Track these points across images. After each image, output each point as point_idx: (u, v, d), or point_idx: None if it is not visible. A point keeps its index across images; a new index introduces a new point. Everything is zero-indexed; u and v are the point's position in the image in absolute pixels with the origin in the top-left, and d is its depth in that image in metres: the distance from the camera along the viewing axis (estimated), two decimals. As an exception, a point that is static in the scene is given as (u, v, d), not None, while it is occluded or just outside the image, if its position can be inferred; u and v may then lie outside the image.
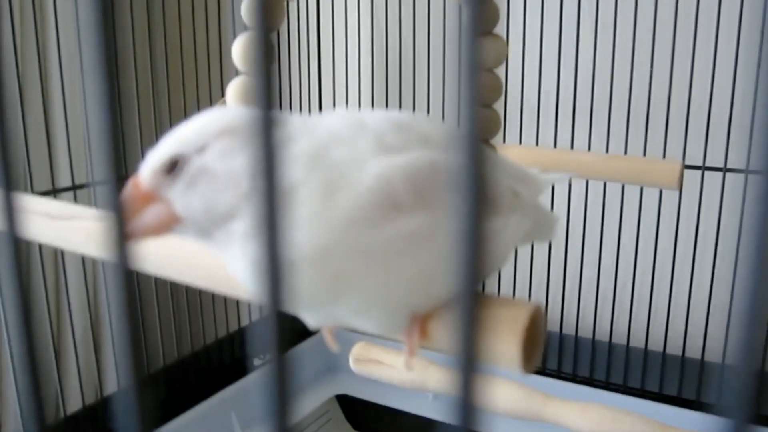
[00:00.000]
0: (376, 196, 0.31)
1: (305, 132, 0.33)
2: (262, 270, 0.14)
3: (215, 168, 0.32)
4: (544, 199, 0.96)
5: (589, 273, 1.05)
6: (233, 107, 0.35)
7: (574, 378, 1.05)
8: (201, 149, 0.32)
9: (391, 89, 1.14)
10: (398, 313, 0.33)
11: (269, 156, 0.14)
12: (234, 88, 0.51)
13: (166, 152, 0.32)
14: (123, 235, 0.15)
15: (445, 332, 0.33)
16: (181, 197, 0.32)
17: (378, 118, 0.35)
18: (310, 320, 0.35)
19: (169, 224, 0.33)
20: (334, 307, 0.33)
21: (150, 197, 0.33)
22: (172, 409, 0.93)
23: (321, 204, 0.30)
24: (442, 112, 1.10)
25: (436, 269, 0.31)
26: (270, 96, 0.14)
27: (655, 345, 1.01)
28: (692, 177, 0.92)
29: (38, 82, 0.90)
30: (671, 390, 1.00)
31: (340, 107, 1.17)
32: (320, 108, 1.19)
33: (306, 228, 0.30)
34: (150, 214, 0.32)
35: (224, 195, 0.31)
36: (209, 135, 0.32)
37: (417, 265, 0.31)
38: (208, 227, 0.32)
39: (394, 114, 0.36)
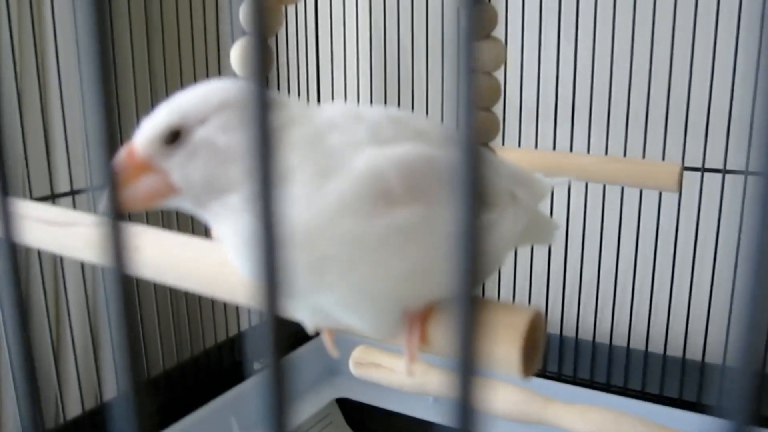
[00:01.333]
0: (367, 187, 0.30)
1: (303, 117, 0.33)
2: (256, 261, 0.14)
3: (217, 141, 0.31)
4: (544, 202, 0.95)
5: (589, 275, 1.04)
6: (233, 79, 0.35)
7: (574, 380, 1.05)
8: (202, 121, 0.32)
9: (389, 93, 1.14)
10: (389, 309, 0.33)
11: (266, 158, 0.14)
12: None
13: (164, 122, 0.32)
14: (121, 240, 0.15)
15: (444, 337, 0.33)
16: (179, 168, 0.32)
17: (375, 111, 0.35)
18: (305, 318, 0.35)
19: (165, 195, 0.32)
20: (321, 297, 0.32)
21: (145, 166, 0.32)
22: (172, 414, 0.93)
23: (312, 188, 0.30)
24: (441, 116, 1.10)
25: (427, 266, 0.31)
26: (266, 100, 0.14)
27: (656, 347, 1.01)
28: (691, 179, 0.92)
29: (36, 87, 0.90)
30: (672, 392, 1.00)
31: (339, 100, 1.17)
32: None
33: (294, 209, 0.30)
34: (144, 184, 0.32)
35: (225, 168, 0.31)
36: (211, 107, 0.32)
37: (407, 261, 0.31)
38: (204, 199, 0.32)
39: (391, 109, 0.36)
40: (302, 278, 0.31)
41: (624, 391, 1.01)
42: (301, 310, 0.34)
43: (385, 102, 1.14)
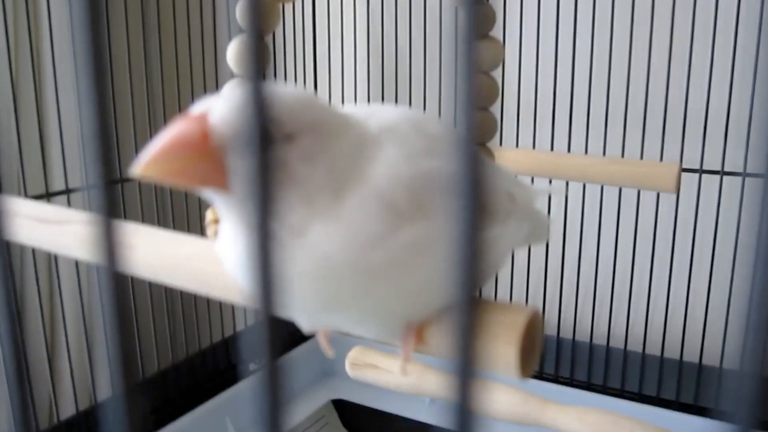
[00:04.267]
0: (379, 216, 0.30)
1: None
2: (254, 279, 0.14)
3: (297, 170, 0.29)
4: (541, 204, 0.95)
5: (587, 277, 1.04)
6: (315, 96, 0.32)
7: (571, 382, 1.05)
8: (290, 138, 0.29)
9: (387, 92, 1.14)
10: (394, 322, 0.33)
11: (262, 160, 0.13)
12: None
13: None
14: (113, 238, 0.15)
15: (442, 338, 0.33)
16: (241, 178, 0.28)
17: (392, 112, 0.34)
18: (304, 324, 0.35)
19: (211, 186, 0.29)
20: (329, 317, 0.32)
21: (211, 152, 0.28)
22: (167, 414, 0.93)
23: (325, 214, 0.30)
24: (438, 116, 1.10)
25: (434, 280, 0.31)
26: (262, 97, 0.14)
27: (653, 349, 1.00)
28: (690, 180, 0.92)
29: (32, 85, 0.89)
30: (669, 394, 1.00)
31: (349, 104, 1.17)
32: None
33: (314, 242, 0.30)
34: (195, 164, 0.28)
35: (287, 197, 0.29)
36: (304, 124, 0.29)
37: (415, 278, 0.31)
38: (243, 209, 0.29)
39: (409, 111, 0.35)
40: (312, 307, 0.31)
41: (621, 393, 1.01)
42: (298, 314, 0.34)
43: (383, 101, 1.14)
